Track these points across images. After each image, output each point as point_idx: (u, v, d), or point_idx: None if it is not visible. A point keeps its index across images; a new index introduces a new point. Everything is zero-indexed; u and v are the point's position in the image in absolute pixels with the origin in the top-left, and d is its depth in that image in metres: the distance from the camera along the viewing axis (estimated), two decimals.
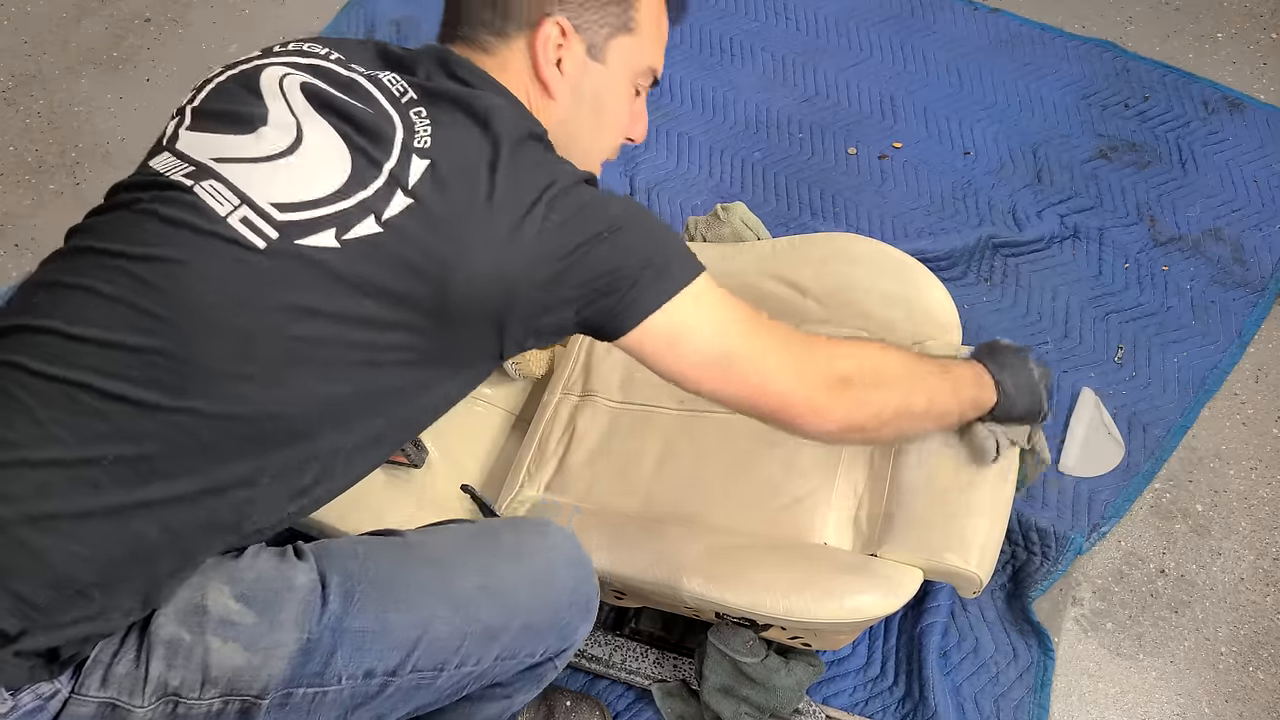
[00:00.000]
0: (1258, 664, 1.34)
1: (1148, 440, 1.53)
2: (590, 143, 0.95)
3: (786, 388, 0.84)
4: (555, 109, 0.90)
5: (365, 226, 0.75)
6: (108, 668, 0.75)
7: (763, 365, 0.84)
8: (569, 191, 0.79)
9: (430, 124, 0.79)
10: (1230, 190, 1.83)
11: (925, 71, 2.08)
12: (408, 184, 0.76)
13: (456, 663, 0.85)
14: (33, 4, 2.38)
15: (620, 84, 0.93)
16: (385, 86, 0.82)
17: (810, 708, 1.27)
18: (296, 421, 0.77)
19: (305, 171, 0.77)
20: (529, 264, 0.76)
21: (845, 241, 1.29)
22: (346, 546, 0.87)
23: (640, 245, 0.81)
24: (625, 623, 1.35)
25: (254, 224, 0.75)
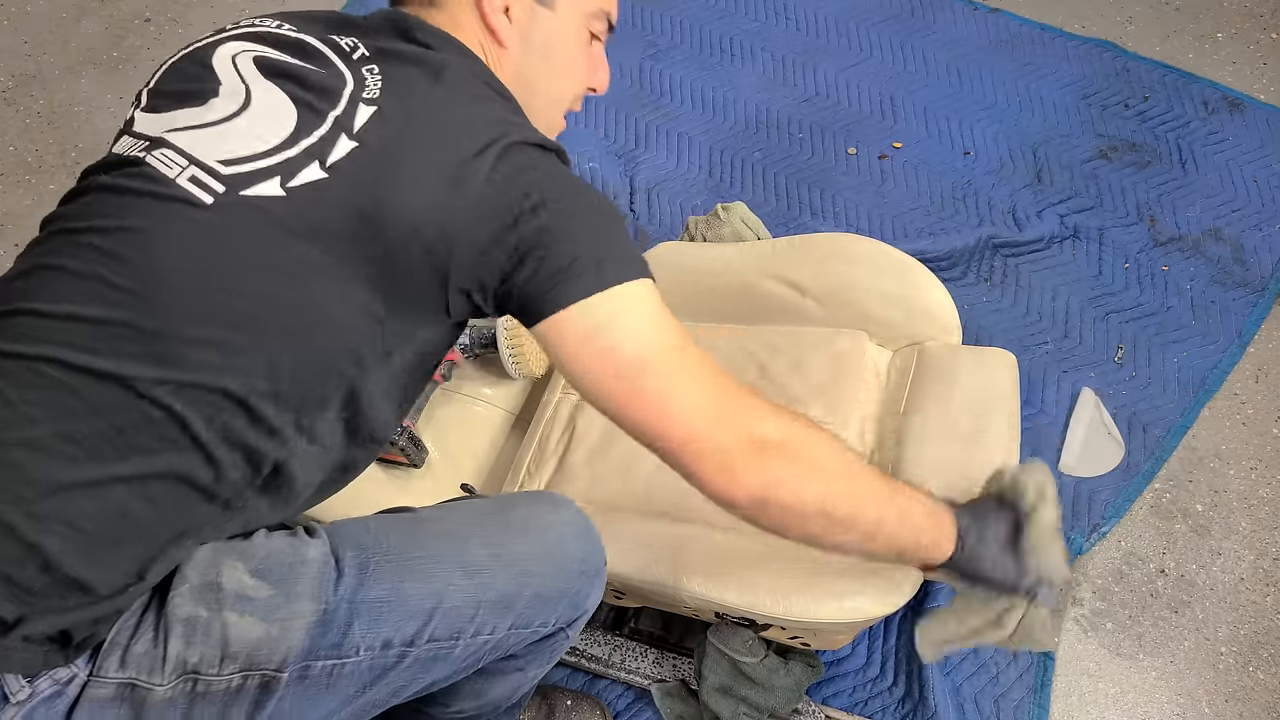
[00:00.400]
0: (1258, 664, 1.34)
1: (1148, 440, 1.53)
2: (547, 90, 0.93)
3: (693, 425, 0.75)
4: (508, 58, 0.89)
5: (310, 172, 0.74)
6: (125, 648, 0.75)
7: (673, 391, 0.75)
8: (525, 148, 0.77)
9: (381, 77, 0.78)
10: (1230, 190, 1.83)
11: (925, 71, 2.08)
12: (352, 128, 0.75)
13: (472, 631, 0.85)
14: (33, 4, 2.38)
15: (571, 28, 0.91)
16: (338, 45, 0.81)
17: (810, 708, 1.27)
18: (260, 382, 0.75)
19: (251, 129, 0.77)
20: (471, 215, 0.75)
21: (845, 241, 1.29)
22: (358, 523, 0.87)
23: (588, 231, 0.78)
24: (625, 622, 1.35)
25: (201, 180, 0.75)
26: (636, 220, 1.86)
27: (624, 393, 0.76)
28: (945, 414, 1.15)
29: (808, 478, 0.79)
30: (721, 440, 0.76)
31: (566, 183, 0.79)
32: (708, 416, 0.76)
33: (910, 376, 1.22)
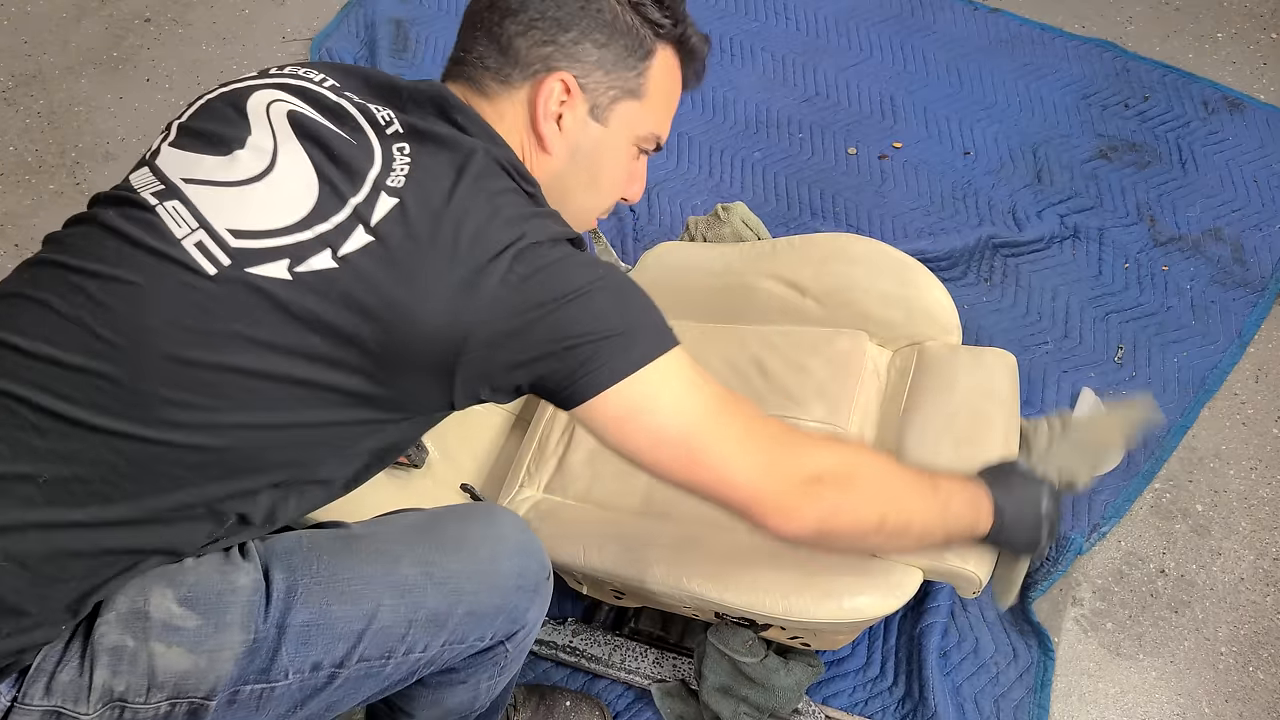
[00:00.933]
0: (1258, 664, 1.34)
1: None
2: (582, 201, 0.93)
3: (752, 481, 0.80)
4: (549, 164, 0.88)
5: (320, 260, 0.73)
6: (51, 676, 0.75)
7: (726, 455, 0.79)
8: (540, 247, 0.76)
9: (410, 163, 0.77)
10: (1230, 190, 1.83)
11: (925, 71, 2.08)
12: (370, 221, 0.74)
13: (404, 650, 0.85)
14: (33, 4, 2.38)
15: (620, 147, 0.91)
16: (373, 116, 0.80)
17: (810, 708, 1.27)
18: (236, 455, 0.75)
19: (270, 200, 0.76)
20: (484, 317, 0.74)
21: (845, 241, 1.29)
22: (291, 541, 0.86)
23: (609, 313, 0.78)
24: (625, 622, 1.35)
25: (207, 249, 0.74)
26: (636, 220, 1.86)
27: (680, 465, 0.80)
28: (945, 414, 1.15)
29: (860, 503, 0.84)
30: (780, 488, 0.80)
31: (582, 271, 0.78)
32: (763, 473, 0.80)
33: (910, 376, 1.22)
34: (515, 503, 1.21)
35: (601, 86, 0.87)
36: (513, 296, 0.74)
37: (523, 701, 1.26)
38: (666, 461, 0.80)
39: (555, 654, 1.33)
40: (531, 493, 1.22)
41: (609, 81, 0.87)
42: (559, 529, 1.14)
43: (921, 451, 1.12)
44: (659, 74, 0.91)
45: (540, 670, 1.34)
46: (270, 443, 0.76)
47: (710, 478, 0.80)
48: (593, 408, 0.78)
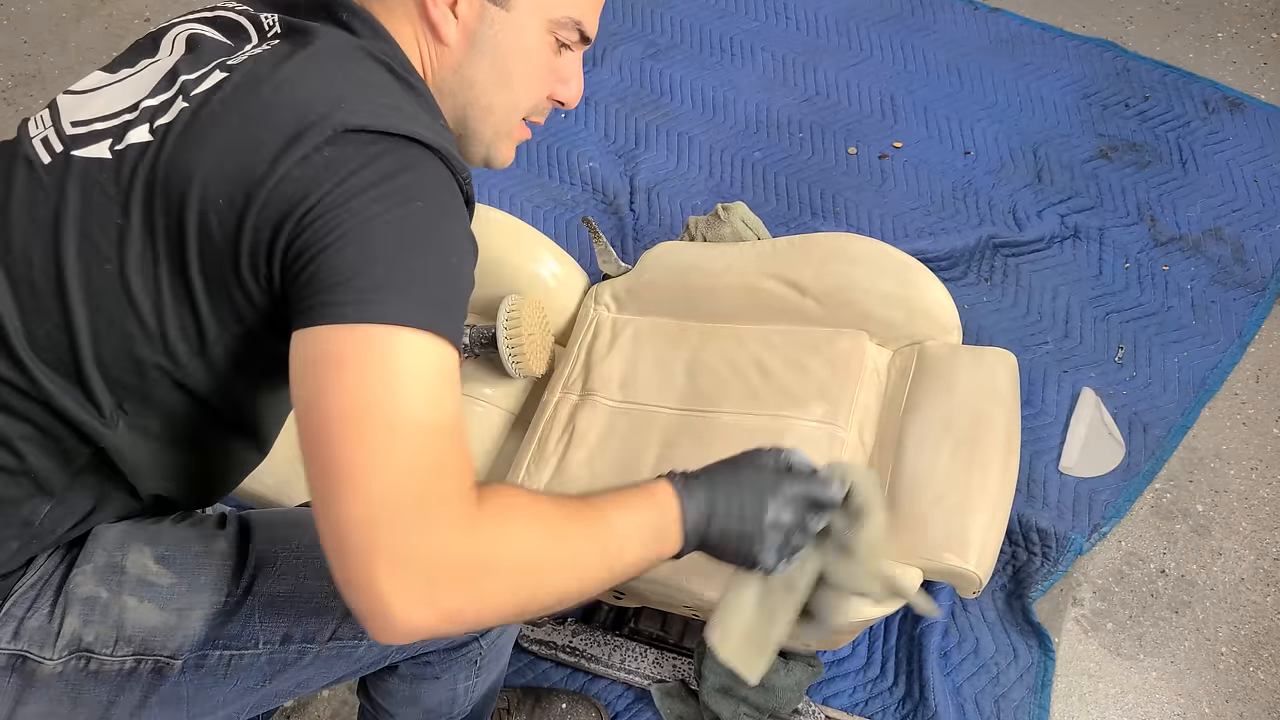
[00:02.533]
0: (1258, 664, 1.34)
1: (1148, 440, 1.53)
2: (491, 96, 0.83)
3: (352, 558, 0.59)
4: (448, 56, 0.80)
5: (138, 134, 0.71)
6: (20, 621, 0.76)
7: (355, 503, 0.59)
8: (375, 136, 0.67)
9: (263, 48, 0.74)
10: (1230, 190, 1.83)
11: (925, 71, 2.08)
12: (191, 92, 0.72)
13: None
14: (33, 4, 2.38)
15: (530, 34, 0.81)
16: (260, 23, 0.78)
17: (810, 708, 1.27)
18: (69, 353, 0.72)
19: (115, 94, 0.76)
20: (272, 191, 0.66)
21: (845, 241, 1.29)
22: (274, 516, 0.86)
23: (394, 241, 0.65)
24: (625, 622, 1.35)
25: (49, 141, 0.75)
26: (636, 220, 1.86)
27: (309, 439, 0.62)
28: (945, 414, 1.14)
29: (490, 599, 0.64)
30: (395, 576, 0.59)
31: (405, 188, 0.67)
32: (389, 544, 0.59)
33: (910, 376, 1.22)
34: None
35: None
36: (310, 175, 0.65)
37: (517, 704, 1.25)
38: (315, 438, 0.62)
39: (555, 654, 1.33)
40: None
41: None
42: None
43: (921, 451, 1.12)
44: None
45: (540, 670, 1.34)
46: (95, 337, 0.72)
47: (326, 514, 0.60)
48: (311, 335, 0.63)
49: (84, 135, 0.74)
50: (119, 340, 0.72)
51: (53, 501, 0.77)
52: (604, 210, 1.89)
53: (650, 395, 1.26)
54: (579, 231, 1.85)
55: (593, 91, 2.09)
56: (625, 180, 1.94)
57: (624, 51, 2.16)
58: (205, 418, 0.79)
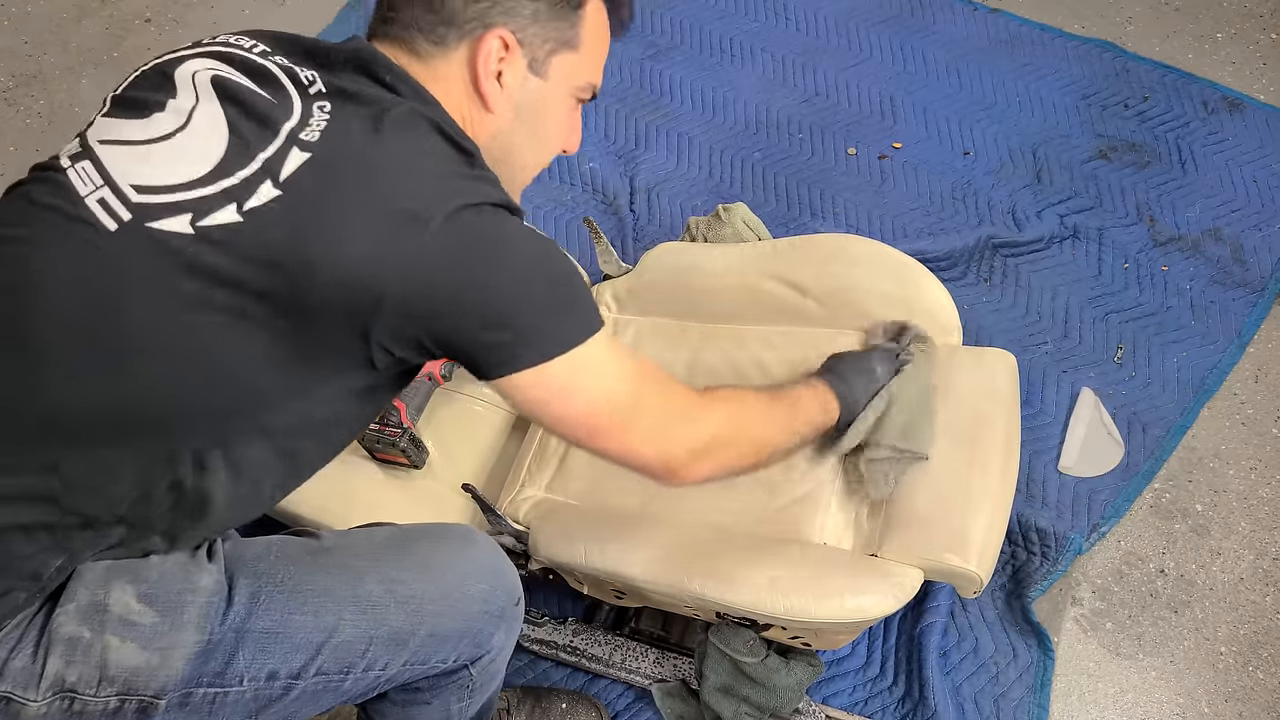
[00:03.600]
0: (1257, 664, 1.35)
1: (1147, 440, 1.53)
2: (526, 156, 0.93)
3: (656, 455, 0.87)
4: (491, 122, 0.87)
5: (224, 215, 0.72)
6: (4, 662, 0.75)
7: (633, 435, 0.85)
8: (478, 211, 0.75)
9: (328, 119, 0.75)
10: (1230, 190, 1.84)
11: (925, 71, 2.08)
12: (280, 175, 0.73)
13: (364, 666, 0.85)
14: (33, 4, 2.38)
15: (560, 99, 0.91)
16: (297, 77, 0.79)
17: (810, 707, 1.27)
18: (140, 414, 0.74)
19: (177, 156, 0.75)
20: (407, 274, 0.72)
21: (845, 242, 1.29)
22: (260, 548, 0.86)
23: (541, 292, 0.78)
24: (625, 622, 1.35)
25: (109, 205, 0.73)
26: (636, 220, 1.87)
27: (588, 436, 0.84)
28: (945, 414, 1.15)
29: (742, 451, 0.94)
30: (666, 461, 0.87)
31: (518, 242, 0.78)
32: (657, 450, 0.87)
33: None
34: (516, 502, 1.21)
35: (538, 40, 0.86)
36: (442, 260, 0.73)
37: (517, 704, 1.26)
38: (576, 433, 0.84)
39: (556, 654, 1.33)
40: (533, 492, 1.22)
41: (545, 34, 0.86)
42: (560, 529, 1.14)
43: None
44: (591, 23, 0.90)
45: (540, 670, 1.34)
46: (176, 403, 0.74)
47: (617, 449, 0.86)
48: (512, 383, 0.79)
49: (156, 206, 0.73)
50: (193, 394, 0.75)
51: (65, 556, 0.77)
52: (604, 210, 1.89)
53: None
54: (579, 232, 1.85)
55: None
56: (625, 180, 1.94)
57: (624, 52, 2.16)
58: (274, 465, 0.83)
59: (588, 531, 1.12)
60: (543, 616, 1.36)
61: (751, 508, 1.14)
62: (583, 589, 1.23)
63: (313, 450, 0.87)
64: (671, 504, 1.17)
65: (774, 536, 1.11)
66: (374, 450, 1.24)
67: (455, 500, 1.24)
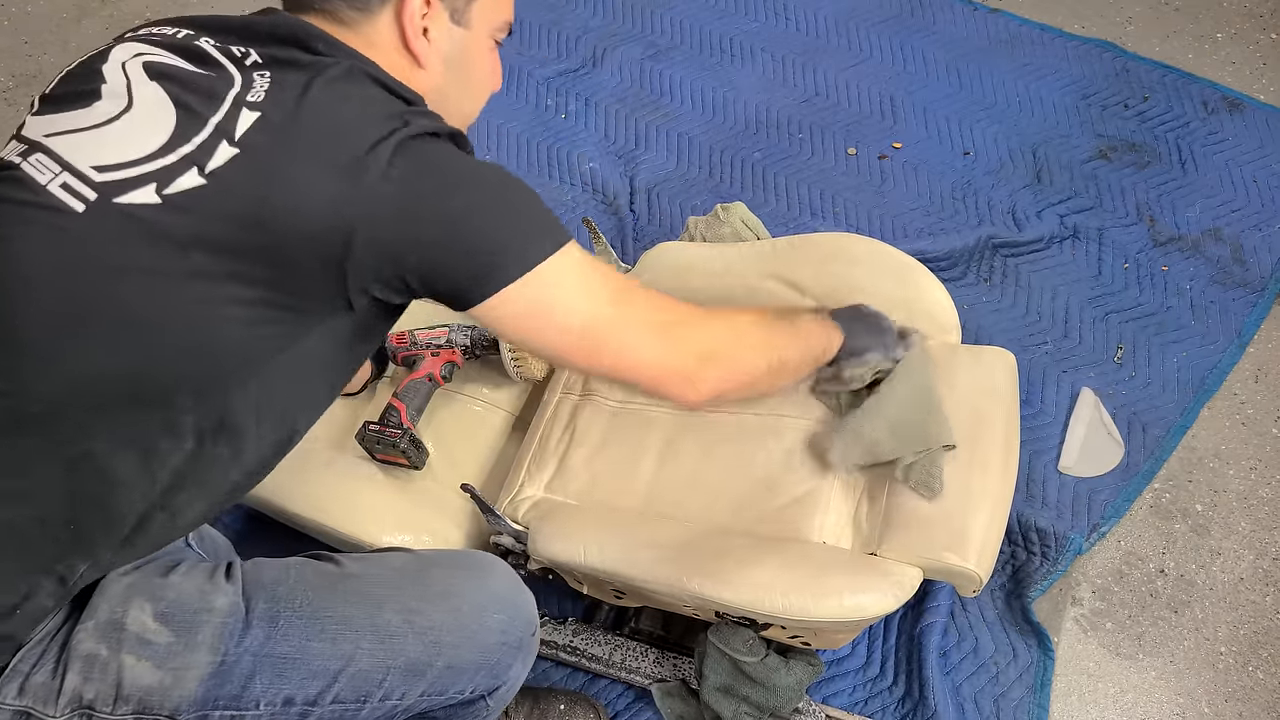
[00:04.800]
0: (1257, 664, 1.35)
1: (1147, 440, 1.53)
2: (462, 105, 0.94)
3: (657, 366, 0.85)
4: (426, 78, 0.88)
5: (187, 179, 0.73)
6: (26, 677, 0.76)
7: (629, 342, 0.83)
8: (422, 140, 0.77)
9: (270, 82, 0.76)
10: (1230, 190, 1.84)
11: (925, 71, 2.08)
12: (234, 134, 0.74)
13: (380, 695, 0.85)
14: (33, 4, 2.38)
15: (483, 43, 0.92)
16: (230, 53, 0.80)
17: (810, 707, 1.27)
18: (141, 390, 0.75)
19: (128, 133, 0.75)
20: (368, 210, 0.73)
21: (845, 242, 1.29)
22: (279, 570, 0.87)
23: (500, 212, 0.78)
24: (625, 622, 1.35)
25: (73, 188, 0.74)
26: (636, 220, 1.87)
27: (584, 353, 0.83)
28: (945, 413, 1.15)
29: (748, 362, 0.93)
30: (678, 366, 0.86)
31: (468, 169, 0.78)
32: (662, 354, 0.85)
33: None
34: (516, 502, 1.21)
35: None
36: (397, 191, 0.74)
37: (516, 705, 1.26)
38: (571, 351, 0.83)
39: (556, 654, 1.33)
40: (532, 492, 1.22)
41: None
42: (559, 528, 1.14)
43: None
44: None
45: (540, 670, 1.34)
46: (173, 371, 0.75)
47: (616, 363, 0.84)
48: (490, 307, 0.79)
49: (120, 181, 0.73)
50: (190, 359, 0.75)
51: (86, 553, 0.78)
52: (604, 210, 1.89)
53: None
54: (579, 232, 1.85)
55: (593, 92, 2.09)
56: (625, 180, 1.94)
57: (624, 52, 2.16)
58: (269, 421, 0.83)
59: (587, 531, 1.12)
60: (542, 616, 1.36)
61: (751, 507, 1.14)
62: (583, 589, 1.23)
63: (303, 408, 0.88)
64: (671, 504, 1.17)
65: (773, 536, 1.11)
66: (374, 451, 1.24)
67: (455, 500, 1.24)
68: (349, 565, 0.90)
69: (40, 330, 0.73)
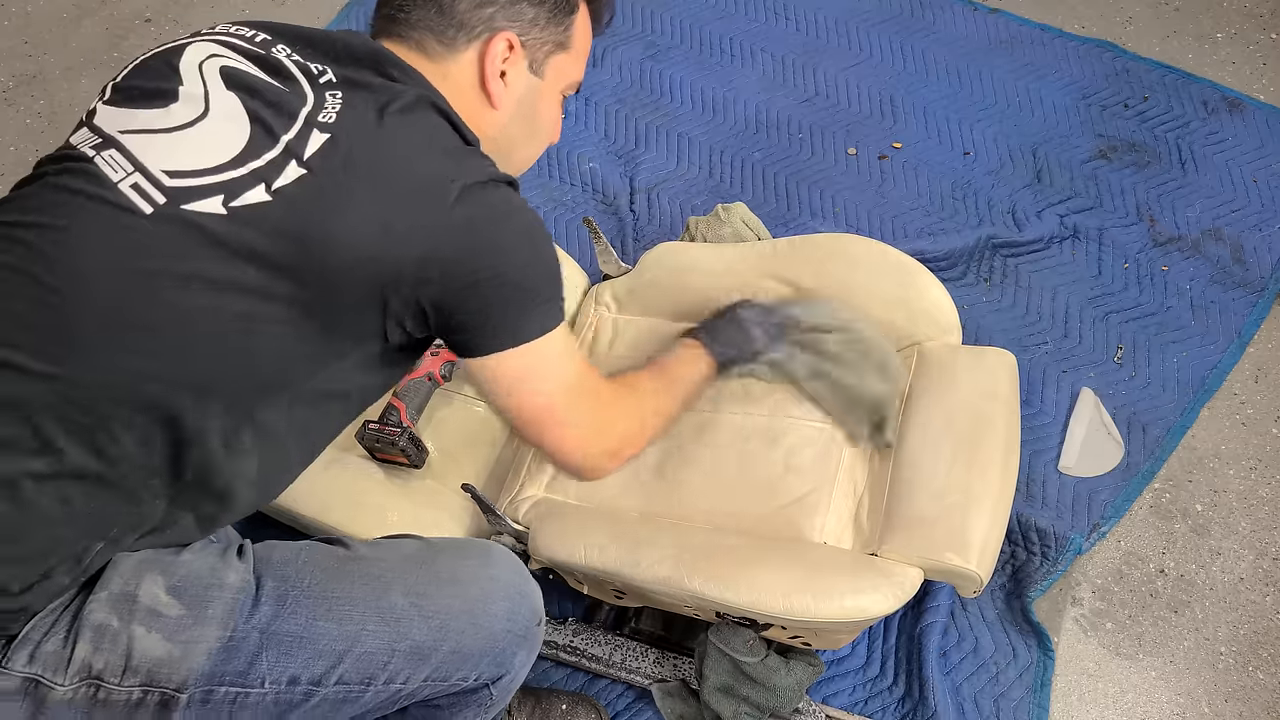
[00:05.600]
0: (1257, 664, 1.35)
1: (1147, 440, 1.53)
2: (522, 150, 0.99)
3: (576, 460, 0.95)
4: (496, 119, 0.93)
5: (254, 194, 0.75)
6: (37, 645, 0.77)
7: (564, 437, 0.92)
8: (486, 187, 0.80)
9: (341, 103, 0.79)
10: (1230, 190, 1.84)
11: (925, 71, 2.08)
12: (303, 155, 0.77)
13: (385, 679, 0.85)
14: (33, 4, 2.38)
15: (552, 96, 0.98)
16: (306, 68, 0.82)
17: (810, 707, 1.27)
18: (177, 392, 0.76)
19: (203, 141, 0.78)
20: (423, 247, 0.77)
21: (845, 242, 1.29)
22: (289, 551, 0.87)
23: (533, 272, 0.83)
24: (625, 622, 1.35)
25: (143, 189, 0.76)
26: (636, 220, 1.87)
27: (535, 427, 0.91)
28: (945, 414, 1.15)
29: (648, 437, 1.03)
30: (597, 458, 0.96)
31: (520, 219, 0.83)
32: (589, 449, 0.94)
33: (910, 377, 1.22)
34: (516, 502, 1.21)
35: (538, 42, 0.93)
36: (456, 233, 0.78)
37: (517, 705, 1.26)
38: (528, 423, 0.91)
39: (556, 654, 1.33)
40: (533, 492, 1.22)
41: (544, 37, 0.93)
42: (560, 528, 1.14)
43: (922, 451, 1.12)
44: (580, 25, 0.98)
45: (540, 670, 1.34)
46: (210, 377, 0.77)
47: (552, 442, 0.92)
48: (489, 363, 0.85)
49: (189, 189, 0.76)
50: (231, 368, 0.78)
51: (107, 539, 0.79)
52: (604, 210, 1.89)
53: None
54: (579, 232, 1.85)
55: (593, 92, 2.09)
56: (625, 180, 1.94)
57: (624, 52, 2.16)
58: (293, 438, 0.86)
59: (588, 531, 1.12)
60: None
61: (751, 508, 1.14)
62: (583, 589, 1.23)
63: (326, 425, 0.91)
64: (671, 504, 1.17)
65: (774, 536, 1.11)
66: (374, 450, 1.24)
67: (456, 500, 1.24)
68: (359, 548, 0.90)
69: (89, 324, 0.74)
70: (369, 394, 0.92)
